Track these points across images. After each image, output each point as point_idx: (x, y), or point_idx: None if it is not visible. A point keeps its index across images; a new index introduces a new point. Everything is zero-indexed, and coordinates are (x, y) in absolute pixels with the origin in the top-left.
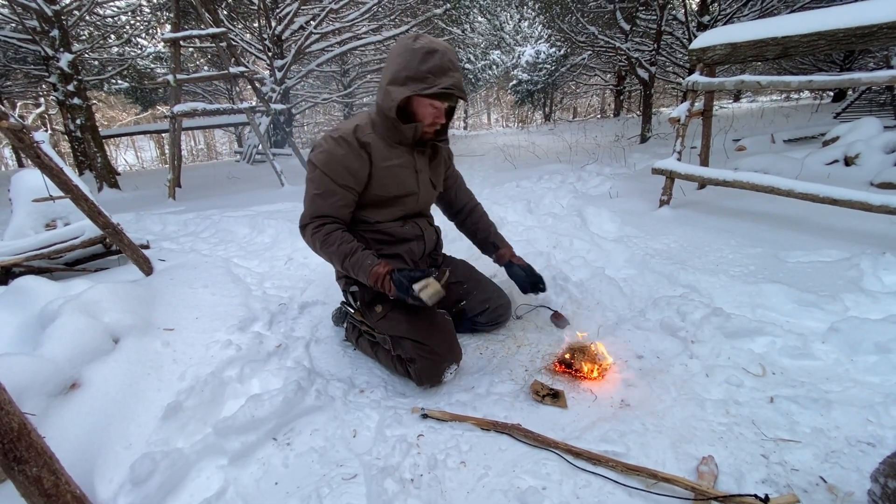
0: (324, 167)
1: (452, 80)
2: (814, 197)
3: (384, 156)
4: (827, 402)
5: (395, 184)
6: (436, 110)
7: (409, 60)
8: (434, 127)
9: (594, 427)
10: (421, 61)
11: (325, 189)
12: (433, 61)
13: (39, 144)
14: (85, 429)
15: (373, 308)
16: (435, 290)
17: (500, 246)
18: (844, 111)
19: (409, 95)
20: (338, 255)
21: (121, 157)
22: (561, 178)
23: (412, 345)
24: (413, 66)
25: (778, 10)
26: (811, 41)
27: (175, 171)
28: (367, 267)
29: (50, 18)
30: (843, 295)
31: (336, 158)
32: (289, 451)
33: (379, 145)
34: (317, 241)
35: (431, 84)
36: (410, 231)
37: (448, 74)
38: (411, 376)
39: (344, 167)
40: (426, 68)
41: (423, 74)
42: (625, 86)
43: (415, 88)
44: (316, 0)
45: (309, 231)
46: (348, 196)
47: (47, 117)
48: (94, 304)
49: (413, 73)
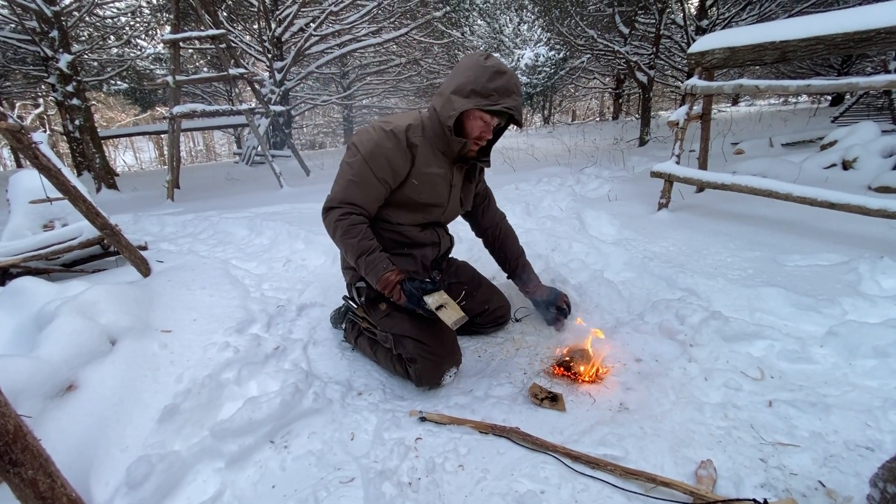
0: (367, 155)
1: (514, 103)
2: (812, 201)
3: (427, 162)
4: (825, 406)
5: (429, 191)
6: (485, 125)
7: (478, 76)
8: (480, 141)
9: (593, 430)
10: (489, 79)
11: (363, 178)
12: (500, 81)
13: (38, 145)
14: (81, 431)
15: (377, 305)
16: (458, 314)
17: (526, 281)
18: (842, 115)
19: (469, 109)
20: (356, 248)
21: (119, 158)
22: (560, 180)
23: (414, 344)
24: (481, 81)
25: (776, 15)
26: (809, 45)
27: (174, 173)
28: (380, 271)
29: (49, 19)
30: (842, 299)
31: (382, 150)
32: (286, 454)
33: (425, 150)
34: (339, 228)
35: (495, 102)
36: (428, 238)
37: (511, 97)
38: (411, 377)
39: (387, 161)
40: (493, 86)
41: (489, 91)
42: (623, 89)
43: (478, 103)
44: (316, 2)
45: (334, 215)
46: (381, 190)
47: (46, 118)
48: (91, 306)
49: (480, 88)
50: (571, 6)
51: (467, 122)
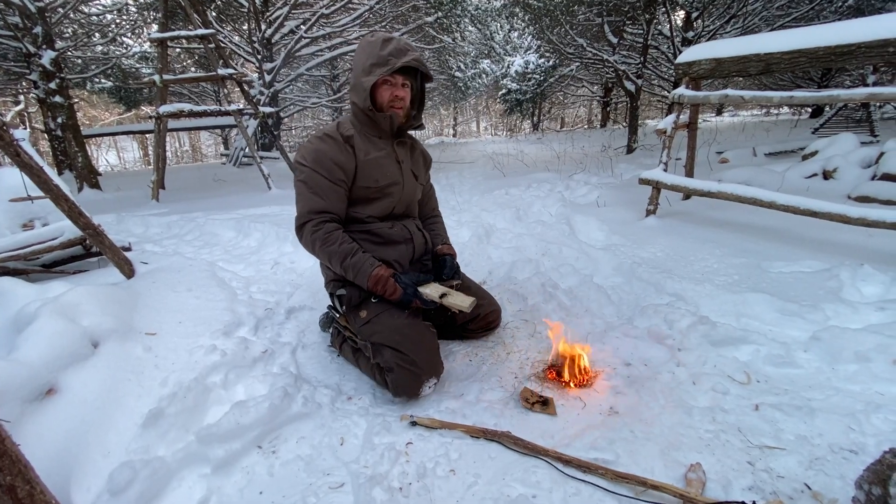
0: (314, 165)
1: (411, 57)
2: (795, 209)
3: (366, 149)
4: (810, 410)
5: (380, 174)
6: (392, 86)
7: (370, 51)
8: (396, 103)
9: (583, 434)
10: (381, 48)
11: (318, 185)
12: (391, 46)
13: (19, 142)
14: (62, 436)
15: (357, 312)
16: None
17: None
18: (822, 127)
19: (376, 81)
20: (339, 253)
21: (102, 157)
22: (549, 186)
23: (392, 353)
24: (375, 53)
25: (759, 28)
26: (792, 58)
27: (159, 173)
28: (368, 268)
29: (33, 15)
30: (824, 305)
31: (324, 154)
32: (274, 459)
33: (361, 139)
34: (317, 239)
35: (394, 64)
36: (399, 234)
37: (407, 53)
38: (388, 386)
39: (333, 162)
40: (386, 52)
41: (385, 58)
42: (611, 97)
43: (380, 72)
44: (307, 5)
45: (308, 229)
46: (340, 191)
47: (27, 115)
48: (72, 307)
49: (376, 59)
50: (561, 15)
51: (378, 94)
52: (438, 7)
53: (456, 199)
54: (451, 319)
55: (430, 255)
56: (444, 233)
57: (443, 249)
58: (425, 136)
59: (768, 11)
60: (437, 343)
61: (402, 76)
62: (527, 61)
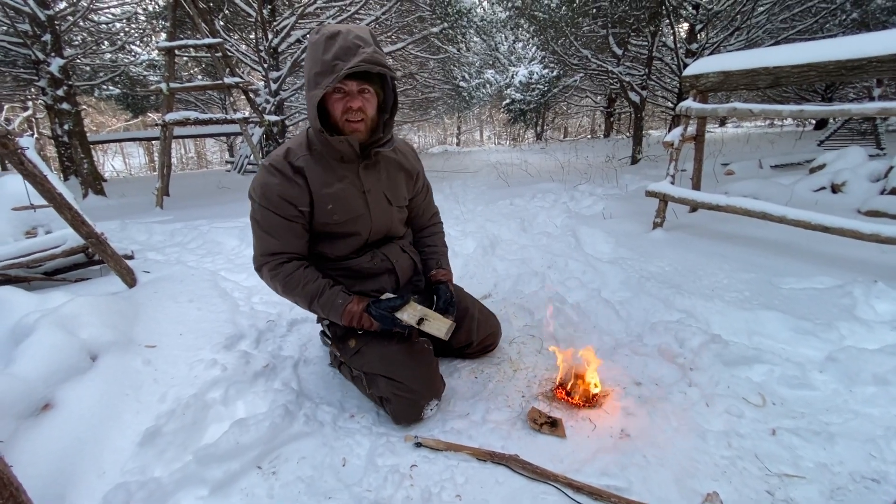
0: (262, 201)
1: (363, 57)
2: (806, 224)
3: (323, 179)
4: (829, 436)
5: (340, 209)
6: (343, 96)
7: (314, 57)
8: (353, 117)
9: (594, 459)
10: (325, 51)
11: (270, 224)
12: (336, 44)
13: (23, 151)
14: (56, 455)
15: (346, 343)
16: (444, 323)
17: (443, 267)
18: (828, 139)
19: (324, 94)
20: (304, 296)
21: (108, 163)
22: (554, 197)
23: (386, 383)
24: (318, 58)
25: (763, 41)
26: (802, 72)
27: (164, 180)
28: (338, 307)
29: (43, 23)
30: (839, 323)
31: (272, 190)
32: (274, 480)
33: (315, 168)
34: (278, 284)
35: (340, 70)
36: (380, 265)
37: (357, 52)
38: (389, 415)
39: (281, 198)
40: (331, 55)
41: (330, 63)
42: (615, 108)
43: (326, 82)
44: (313, 15)
45: (266, 273)
46: (296, 227)
47: (34, 121)
48: (72, 319)
49: (320, 67)
50: (566, 27)
51: (331, 108)
52: (444, 18)
53: (460, 208)
54: (448, 343)
55: (421, 276)
56: (442, 249)
57: (437, 276)
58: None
59: (772, 24)
60: (435, 361)
61: (358, 82)
62: (531, 72)
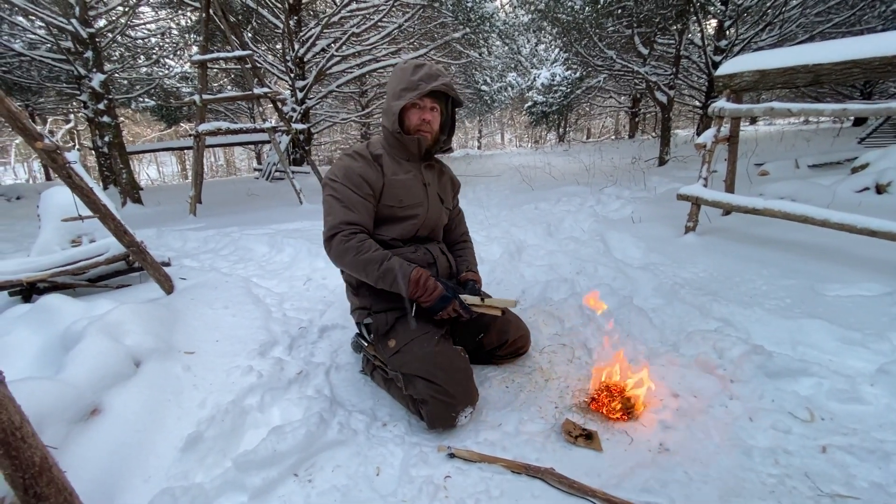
0: (344, 180)
1: (441, 82)
2: (851, 227)
3: (394, 169)
4: (885, 454)
5: (405, 194)
6: (421, 110)
7: (402, 77)
8: (424, 127)
9: (633, 474)
10: (412, 73)
11: (348, 198)
12: (422, 71)
13: (71, 165)
14: (104, 459)
15: (386, 342)
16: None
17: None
18: (869, 136)
19: (406, 104)
20: (374, 260)
21: (143, 172)
22: (580, 200)
23: (425, 384)
24: (406, 78)
25: (797, 36)
26: (845, 69)
27: (197, 188)
28: (407, 269)
29: (84, 40)
30: (890, 334)
31: (354, 170)
32: (310, 488)
33: (389, 160)
34: (350, 248)
35: (423, 88)
36: (422, 258)
37: (438, 79)
38: (423, 418)
39: (362, 178)
40: (417, 77)
41: (416, 83)
42: (640, 108)
43: (409, 96)
44: (338, 24)
45: (338, 240)
46: (368, 206)
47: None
48: (116, 326)
49: (406, 84)
50: (590, 28)
51: (407, 118)
52: (466, 23)
53: (484, 213)
54: (480, 345)
55: (455, 280)
56: (473, 259)
57: (467, 276)
58: None
59: (806, 18)
60: (471, 369)
61: (431, 100)
62: (553, 73)
